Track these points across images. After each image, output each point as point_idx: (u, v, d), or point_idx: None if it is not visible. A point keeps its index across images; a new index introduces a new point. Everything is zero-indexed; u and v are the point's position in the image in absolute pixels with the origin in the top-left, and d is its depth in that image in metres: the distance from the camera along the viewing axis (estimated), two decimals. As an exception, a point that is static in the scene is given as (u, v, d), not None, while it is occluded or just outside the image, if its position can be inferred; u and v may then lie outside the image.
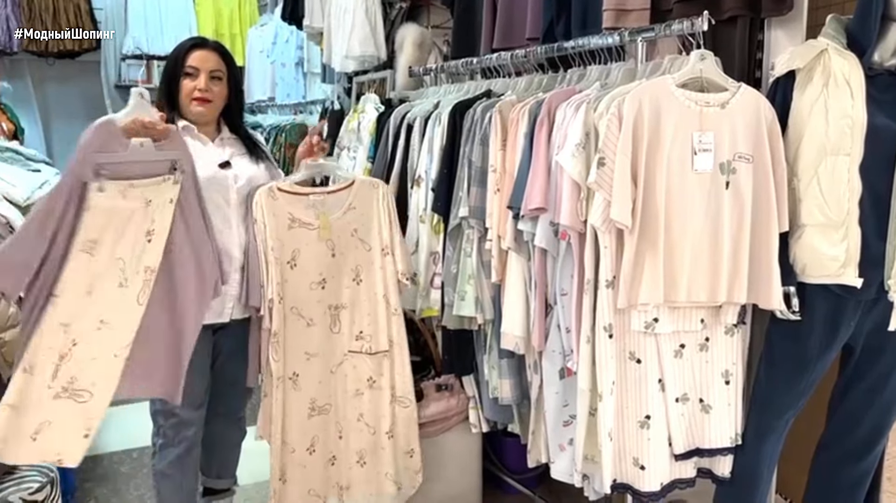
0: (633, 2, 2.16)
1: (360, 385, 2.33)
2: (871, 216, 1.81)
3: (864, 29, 1.80)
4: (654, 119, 1.79)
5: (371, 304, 2.31)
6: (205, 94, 2.10)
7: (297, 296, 2.23)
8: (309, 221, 2.21)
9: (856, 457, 2.07)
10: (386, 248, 2.31)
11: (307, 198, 2.22)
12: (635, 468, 1.94)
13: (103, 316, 1.81)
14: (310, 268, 2.23)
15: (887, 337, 1.90)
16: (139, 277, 1.86)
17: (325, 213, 2.23)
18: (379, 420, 2.35)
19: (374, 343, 2.32)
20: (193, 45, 2.16)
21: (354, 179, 2.30)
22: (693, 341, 1.94)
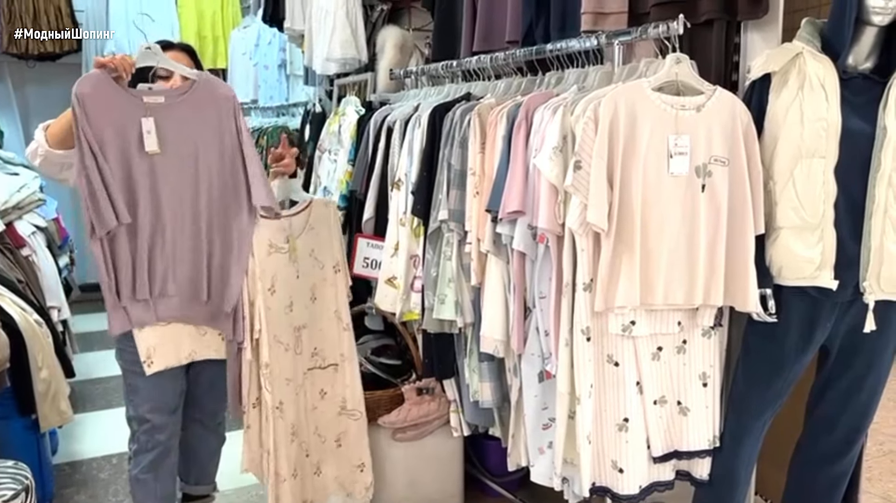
0: (611, 5, 2.16)
1: (315, 400, 2.36)
2: (846, 218, 1.82)
3: (839, 32, 1.82)
4: (629, 122, 1.79)
5: (324, 321, 2.35)
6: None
7: (277, 322, 2.20)
8: (281, 245, 2.20)
9: (834, 457, 2.07)
10: (337, 265, 2.36)
11: (279, 221, 2.19)
12: (614, 471, 1.94)
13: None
14: (283, 293, 2.21)
15: (863, 338, 1.91)
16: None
17: (293, 236, 2.23)
18: (329, 430, 2.38)
19: (324, 357, 2.36)
20: (162, 48, 2.15)
21: (311, 200, 2.31)
22: (670, 344, 1.95)
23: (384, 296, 2.59)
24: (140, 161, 1.93)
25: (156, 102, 1.93)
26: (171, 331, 2.07)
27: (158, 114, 1.94)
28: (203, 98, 2.00)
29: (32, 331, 2.72)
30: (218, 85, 2.07)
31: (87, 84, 1.86)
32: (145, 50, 1.97)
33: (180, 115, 1.97)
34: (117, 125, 1.89)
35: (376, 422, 2.61)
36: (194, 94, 2.00)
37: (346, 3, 3.27)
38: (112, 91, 1.89)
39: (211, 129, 2.01)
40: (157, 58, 1.99)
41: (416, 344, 2.67)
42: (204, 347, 2.14)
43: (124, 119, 1.90)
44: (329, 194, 3.13)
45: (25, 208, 3.78)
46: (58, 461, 3.18)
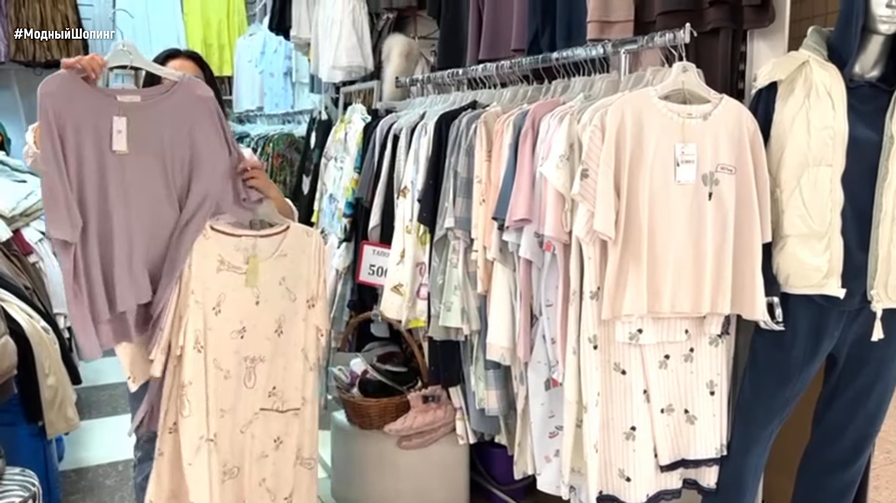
0: (617, 14, 2.17)
1: (266, 447, 2.10)
2: (853, 226, 1.83)
3: (845, 41, 1.82)
4: (636, 131, 1.80)
5: (288, 358, 2.11)
6: None
7: (219, 345, 1.98)
8: (237, 265, 2.00)
9: (841, 465, 2.07)
10: (312, 299, 2.14)
11: (238, 239, 2.02)
12: (621, 479, 1.94)
13: None
14: (232, 316, 2.00)
15: (871, 347, 1.91)
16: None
17: (254, 257, 2.03)
18: (280, 485, 2.13)
19: (284, 399, 2.11)
20: (168, 55, 2.16)
21: (289, 225, 2.11)
22: (678, 352, 1.95)
23: (390, 304, 2.59)
24: (111, 161, 1.85)
25: (131, 102, 1.86)
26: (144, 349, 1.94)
27: (133, 113, 1.86)
28: (181, 99, 1.93)
29: (39, 337, 2.73)
30: (196, 85, 1.98)
31: (53, 84, 1.79)
32: (119, 49, 1.90)
33: (156, 116, 1.89)
34: (85, 124, 1.81)
35: (382, 430, 2.61)
36: (173, 96, 1.93)
37: (353, 12, 3.30)
38: (80, 90, 1.81)
39: (185, 130, 1.94)
40: (130, 56, 1.91)
41: (422, 351, 2.67)
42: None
43: (94, 118, 1.82)
44: (335, 201, 3.14)
45: (33, 215, 3.79)
46: (64, 468, 3.18)
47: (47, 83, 1.79)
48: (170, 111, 1.91)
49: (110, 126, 1.83)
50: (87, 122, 1.81)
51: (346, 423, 2.76)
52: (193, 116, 1.94)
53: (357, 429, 2.70)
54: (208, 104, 1.98)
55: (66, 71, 1.81)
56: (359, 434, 2.70)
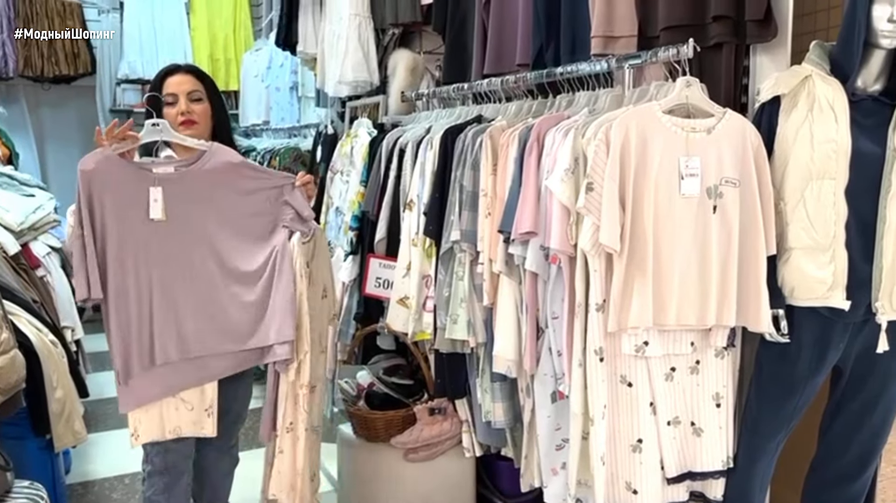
0: (621, 29, 2.19)
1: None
2: (857, 239, 1.83)
3: (847, 55, 1.84)
4: (640, 145, 1.82)
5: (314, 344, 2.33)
6: (188, 115, 2.14)
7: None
8: (306, 270, 2.22)
9: (848, 478, 2.07)
10: (325, 290, 2.37)
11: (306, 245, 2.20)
12: (628, 492, 1.94)
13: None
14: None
15: (876, 359, 1.91)
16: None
17: (311, 261, 2.25)
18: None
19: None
20: (166, 73, 2.19)
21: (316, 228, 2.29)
22: (683, 364, 1.95)
23: (396, 316, 2.60)
24: (149, 230, 1.98)
25: (165, 173, 1.99)
26: (156, 404, 2.07)
27: (168, 183, 1.99)
28: (212, 166, 2.04)
29: (48, 351, 2.74)
30: (225, 152, 2.09)
31: (91, 161, 1.92)
32: (151, 126, 2.00)
33: (190, 184, 2.01)
34: (123, 197, 1.94)
35: (388, 443, 2.62)
36: (205, 164, 2.04)
37: (359, 28, 3.33)
38: (117, 165, 1.94)
39: (229, 191, 2.06)
40: (162, 133, 2.02)
41: (428, 363, 2.68)
42: (189, 423, 2.11)
43: (131, 190, 1.95)
44: (341, 215, 3.15)
45: (41, 229, 3.81)
46: (71, 481, 3.19)
47: (86, 161, 1.92)
48: (204, 176, 2.03)
49: (147, 196, 1.96)
50: (125, 195, 1.95)
51: (352, 436, 2.76)
52: (225, 179, 2.05)
53: (363, 442, 2.71)
54: (240, 168, 2.08)
55: (102, 149, 1.93)
56: (365, 447, 2.71)
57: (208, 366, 2.08)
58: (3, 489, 2.10)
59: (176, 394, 2.07)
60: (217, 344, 2.07)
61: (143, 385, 2.02)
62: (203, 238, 2.04)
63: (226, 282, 2.07)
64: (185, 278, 2.03)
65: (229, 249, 2.07)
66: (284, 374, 2.12)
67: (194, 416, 2.10)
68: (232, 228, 2.07)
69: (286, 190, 2.10)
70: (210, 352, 2.07)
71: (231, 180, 2.06)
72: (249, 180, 2.08)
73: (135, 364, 2.00)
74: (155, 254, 1.99)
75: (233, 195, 2.06)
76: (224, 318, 2.07)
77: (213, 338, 2.06)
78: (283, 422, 2.14)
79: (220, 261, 2.06)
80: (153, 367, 2.02)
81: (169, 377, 2.04)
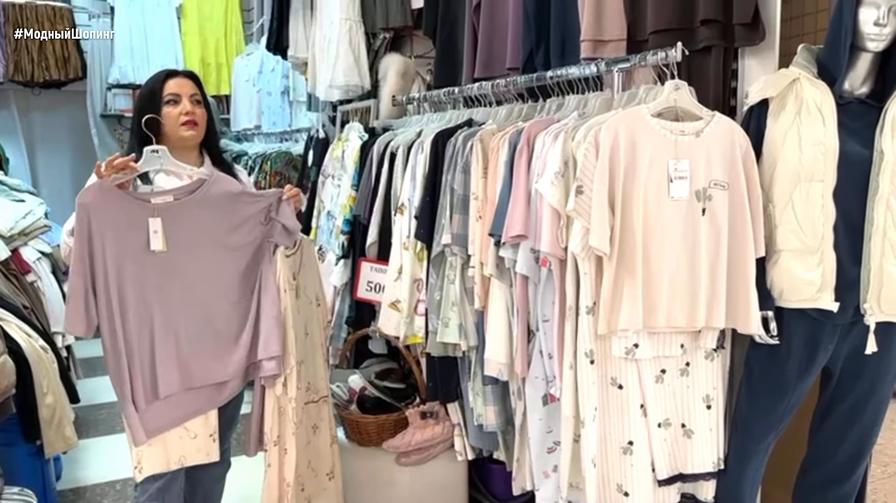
0: (610, 32, 2.20)
1: (308, 434, 2.35)
2: (845, 241, 1.85)
3: (835, 58, 1.85)
4: (630, 148, 1.82)
5: (314, 355, 2.38)
6: (192, 116, 2.12)
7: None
8: (291, 282, 2.21)
9: (838, 479, 2.08)
10: (318, 298, 2.41)
11: (290, 258, 2.21)
12: (619, 494, 1.94)
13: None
14: (299, 328, 2.25)
15: (865, 360, 1.93)
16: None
17: (297, 273, 2.27)
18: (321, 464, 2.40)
19: (317, 390, 2.38)
20: (168, 75, 2.17)
21: (302, 238, 2.30)
22: (674, 366, 1.96)
23: (388, 320, 2.61)
24: (149, 261, 1.96)
25: (164, 202, 1.97)
26: (159, 437, 2.04)
27: (168, 213, 1.97)
28: (212, 194, 2.03)
29: (38, 356, 2.73)
30: (226, 181, 2.08)
31: (89, 195, 1.90)
32: (150, 153, 2.00)
33: (189, 213, 2.00)
34: (122, 228, 1.92)
35: (380, 447, 2.62)
36: (206, 193, 2.02)
37: (349, 32, 3.33)
38: (115, 198, 1.92)
39: (225, 220, 2.04)
40: (160, 161, 2.02)
41: (420, 367, 2.69)
42: (194, 451, 2.10)
43: (130, 222, 1.93)
44: (332, 219, 3.16)
45: (31, 234, 3.80)
46: (62, 487, 3.17)
47: (84, 194, 1.91)
48: (203, 205, 2.02)
49: (147, 227, 1.94)
50: (124, 227, 1.93)
51: (344, 440, 2.76)
52: (225, 209, 2.04)
53: (355, 447, 2.71)
54: (238, 196, 2.07)
55: (100, 181, 1.91)
56: (357, 451, 2.71)
57: (211, 393, 2.08)
58: (-7, 496, 2.10)
59: (180, 424, 2.05)
60: (219, 371, 2.06)
61: (150, 418, 2.00)
62: (202, 267, 2.02)
63: (224, 309, 2.06)
64: (184, 308, 2.01)
65: (227, 277, 2.06)
66: (271, 389, 2.11)
67: (199, 444, 2.09)
68: (229, 256, 2.06)
69: (273, 206, 2.09)
70: (212, 380, 2.06)
71: (229, 210, 2.05)
72: (246, 207, 2.07)
73: (140, 398, 1.97)
74: (155, 285, 1.97)
75: (230, 224, 2.05)
76: (224, 346, 2.06)
77: (215, 367, 2.05)
78: (269, 436, 2.13)
79: (217, 289, 2.05)
80: (156, 401, 1.99)
81: (174, 408, 2.03)
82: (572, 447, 1.97)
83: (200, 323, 2.02)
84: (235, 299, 2.06)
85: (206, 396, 2.07)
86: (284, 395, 2.13)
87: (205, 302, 2.03)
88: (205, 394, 2.06)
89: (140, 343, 1.97)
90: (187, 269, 2.00)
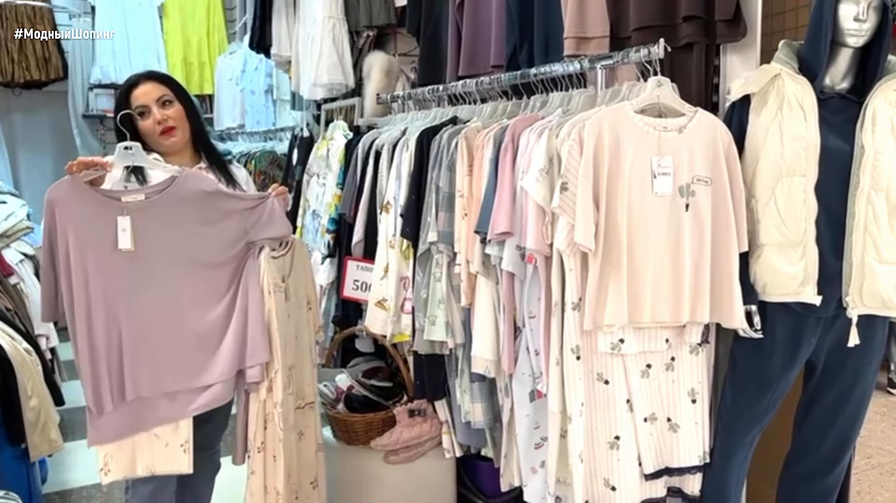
0: (593, 30, 2.22)
1: (295, 440, 2.29)
2: (827, 235, 1.87)
3: (815, 54, 1.87)
4: (613, 144, 1.84)
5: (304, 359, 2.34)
6: (165, 122, 2.09)
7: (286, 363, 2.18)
8: (279, 284, 2.15)
9: (822, 471, 2.11)
10: (310, 302, 2.38)
11: (278, 260, 2.16)
12: (606, 489, 1.96)
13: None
14: (288, 334, 2.20)
15: (848, 353, 1.95)
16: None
17: (286, 275, 2.22)
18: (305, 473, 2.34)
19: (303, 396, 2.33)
20: (128, 87, 2.13)
21: (293, 239, 2.26)
22: (659, 361, 1.98)
23: (374, 319, 2.61)
24: (117, 260, 1.91)
25: (135, 200, 1.93)
26: (129, 440, 1.98)
27: (138, 211, 1.92)
28: (183, 192, 1.98)
29: (21, 359, 2.71)
30: (198, 179, 2.04)
31: (59, 190, 1.87)
32: (123, 150, 1.96)
33: (160, 212, 1.95)
34: (89, 226, 1.88)
35: (368, 446, 2.62)
36: (178, 191, 1.97)
37: (333, 30, 3.34)
38: (84, 195, 1.88)
39: (198, 219, 2.00)
40: (133, 157, 1.98)
41: (407, 365, 2.69)
42: (163, 461, 2.02)
43: (98, 220, 1.89)
44: (318, 217, 3.15)
45: (13, 236, 3.79)
46: (47, 490, 3.15)
47: (54, 189, 1.87)
48: (174, 204, 1.97)
49: (115, 226, 1.90)
50: (91, 225, 1.88)
51: (331, 440, 2.76)
52: (198, 207, 2.00)
53: (343, 445, 2.71)
54: (212, 195, 2.02)
55: (71, 177, 1.88)
56: (345, 450, 2.71)
57: (183, 401, 2.00)
58: (-23, 499, 2.08)
59: (149, 429, 1.98)
60: (192, 377, 1.99)
61: (114, 420, 1.94)
62: (174, 268, 1.97)
63: (199, 312, 2.00)
64: (156, 309, 1.95)
65: (202, 278, 2.00)
66: (255, 394, 2.06)
67: (169, 453, 2.01)
68: (204, 256, 2.00)
69: (259, 205, 2.06)
70: (185, 386, 1.99)
71: (203, 208, 2.00)
72: (222, 204, 2.02)
73: (105, 399, 1.92)
74: (123, 285, 1.92)
75: (205, 223, 1.99)
76: (199, 352, 2.00)
77: (188, 372, 1.99)
78: (253, 443, 2.09)
79: (192, 291, 1.99)
80: (123, 403, 1.94)
81: (142, 412, 1.96)
82: (559, 442, 1.98)
83: (172, 326, 1.97)
84: (215, 299, 2.01)
85: (179, 403, 1.99)
86: (270, 400, 2.08)
87: (177, 304, 1.97)
88: (178, 402, 1.99)
89: (108, 342, 1.92)
90: (158, 270, 1.95)
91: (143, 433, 1.98)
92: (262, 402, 2.07)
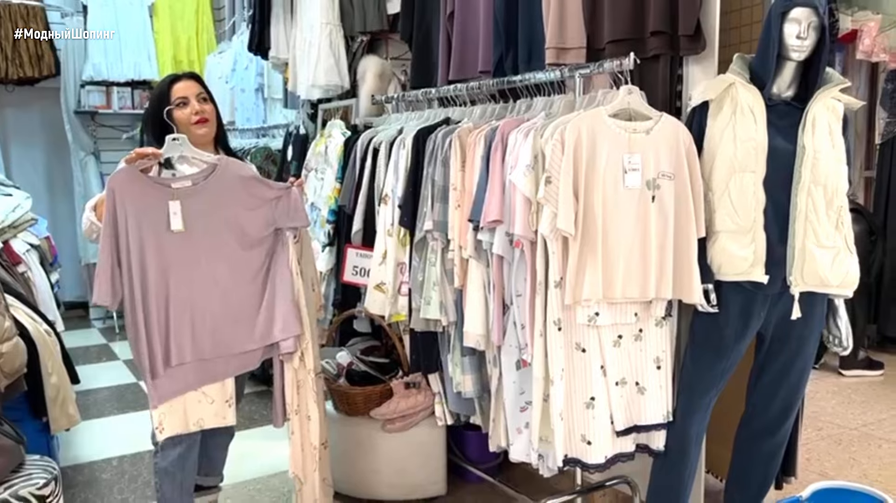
0: (572, 41, 2.45)
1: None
2: (773, 223, 2.12)
3: (764, 66, 2.12)
4: (590, 144, 2.09)
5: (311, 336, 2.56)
6: (202, 114, 2.31)
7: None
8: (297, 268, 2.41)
9: (771, 429, 2.36)
10: (314, 283, 2.58)
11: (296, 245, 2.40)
12: (583, 443, 2.21)
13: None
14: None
15: (791, 325, 2.20)
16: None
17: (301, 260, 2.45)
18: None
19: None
20: (170, 81, 2.35)
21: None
22: (629, 332, 2.23)
23: (373, 301, 2.84)
24: (169, 240, 2.16)
25: (183, 186, 2.18)
26: (180, 399, 2.22)
27: (186, 196, 2.17)
28: (224, 177, 2.23)
29: (43, 339, 2.89)
30: (237, 166, 2.29)
31: (117, 179, 2.12)
32: (171, 141, 2.20)
33: (206, 196, 2.20)
34: (145, 210, 2.13)
35: (367, 416, 2.85)
36: (220, 177, 2.22)
37: (330, 35, 3.54)
38: (139, 182, 2.13)
39: (237, 203, 2.24)
40: (181, 147, 2.21)
41: (402, 343, 2.91)
42: (211, 415, 2.27)
43: (153, 204, 2.14)
44: (317, 209, 3.37)
45: (20, 227, 3.93)
46: (61, 465, 3.32)
47: (112, 179, 2.13)
48: (217, 189, 2.22)
49: (167, 209, 2.15)
50: (146, 208, 2.14)
51: (333, 412, 2.98)
52: (237, 191, 2.24)
53: (344, 416, 2.93)
54: (249, 180, 2.27)
55: (127, 166, 2.12)
56: (346, 421, 2.93)
57: (222, 365, 2.26)
58: (18, 461, 2.28)
59: (197, 389, 2.24)
60: (230, 344, 2.24)
61: (166, 383, 2.19)
62: (217, 246, 2.21)
63: (237, 286, 2.24)
64: (200, 284, 2.19)
65: (239, 256, 2.24)
66: (289, 363, 2.31)
67: (216, 408, 2.27)
68: (241, 236, 2.24)
69: (285, 196, 2.28)
70: (224, 353, 2.24)
71: (241, 192, 2.24)
72: (256, 191, 2.26)
73: (158, 365, 2.17)
74: (173, 262, 2.16)
75: (242, 205, 2.23)
76: (237, 321, 2.24)
77: (227, 340, 2.23)
78: (291, 407, 2.33)
79: (231, 267, 2.23)
80: (169, 368, 2.19)
81: (188, 375, 2.22)
82: (542, 405, 2.21)
83: (215, 298, 2.21)
84: (250, 277, 2.25)
85: (221, 366, 2.25)
86: (303, 368, 2.33)
87: (220, 279, 2.21)
88: (220, 365, 2.25)
89: (158, 315, 2.16)
90: (204, 248, 2.20)
91: (192, 392, 2.23)
92: (294, 371, 2.31)
